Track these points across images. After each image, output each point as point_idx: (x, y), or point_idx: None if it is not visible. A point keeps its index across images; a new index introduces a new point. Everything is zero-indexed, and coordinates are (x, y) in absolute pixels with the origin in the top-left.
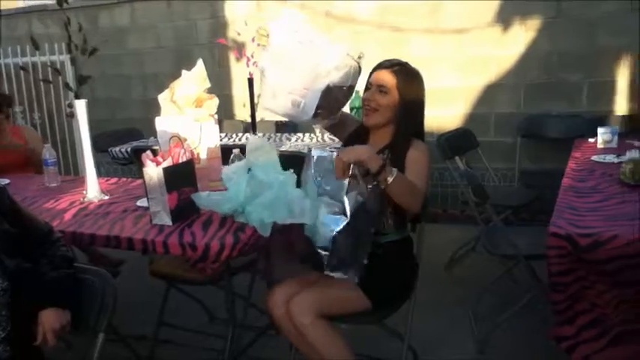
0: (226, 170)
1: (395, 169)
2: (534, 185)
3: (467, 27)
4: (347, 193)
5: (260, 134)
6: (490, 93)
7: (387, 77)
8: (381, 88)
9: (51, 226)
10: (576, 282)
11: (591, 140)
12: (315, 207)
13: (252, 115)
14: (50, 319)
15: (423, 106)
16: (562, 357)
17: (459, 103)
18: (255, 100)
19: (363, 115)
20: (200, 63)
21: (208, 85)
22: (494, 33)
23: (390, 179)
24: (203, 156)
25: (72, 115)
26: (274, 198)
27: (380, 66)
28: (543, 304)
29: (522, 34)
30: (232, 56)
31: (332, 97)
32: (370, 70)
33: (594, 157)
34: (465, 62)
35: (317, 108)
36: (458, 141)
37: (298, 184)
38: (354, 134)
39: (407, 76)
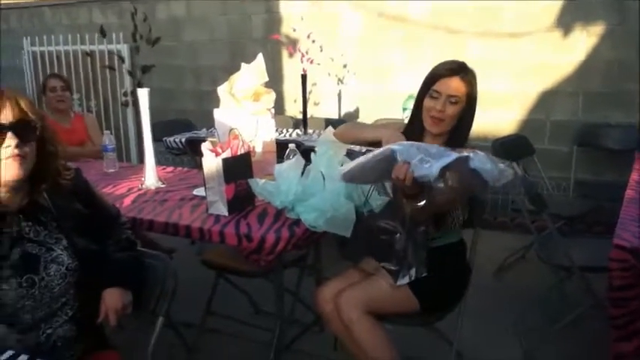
0: (279, 167)
1: (424, 201)
2: (589, 196)
3: (525, 31)
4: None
5: (310, 131)
6: (547, 100)
7: (460, 86)
8: (453, 99)
9: (118, 209)
10: (638, 298)
11: None
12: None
13: (304, 112)
14: (113, 299)
15: (474, 113)
16: None
17: (514, 108)
18: (307, 97)
19: (427, 122)
20: (260, 57)
21: (267, 79)
22: (554, 38)
23: (418, 205)
24: (258, 149)
25: (127, 104)
26: (323, 203)
27: (450, 72)
28: (594, 318)
29: (583, 41)
30: (285, 52)
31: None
32: (431, 73)
33: None
34: (521, 67)
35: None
36: (513, 147)
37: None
38: (408, 132)
39: (474, 82)
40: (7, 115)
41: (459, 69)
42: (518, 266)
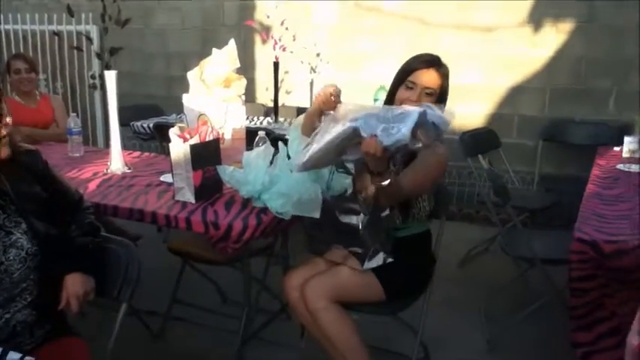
0: (247, 155)
1: (389, 180)
2: (553, 190)
3: (496, 25)
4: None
5: (281, 119)
6: (515, 94)
7: (435, 79)
8: (428, 90)
9: (81, 194)
10: (597, 289)
11: (616, 149)
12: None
13: (275, 99)
14: (75, 284)
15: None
16: None
17: (483, 102)
18: (279, 85)
19: None
20: (232, 43)
21: (238, 65)
22: (524, 33)
23: (383, 184)
24: (228, 136)
25: (95, 87)
26: (288, 189)
27: (427, 65)
28: (555, 309)
29: (553, 37)
30: (258, 39)
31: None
32: (407, 64)
33: (619, 166)
34: (491, 61)
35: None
36: (481, 140)
37: None
38: None
39: (447, 76)
40: None
41: (435, 62)
42: (482, 258)
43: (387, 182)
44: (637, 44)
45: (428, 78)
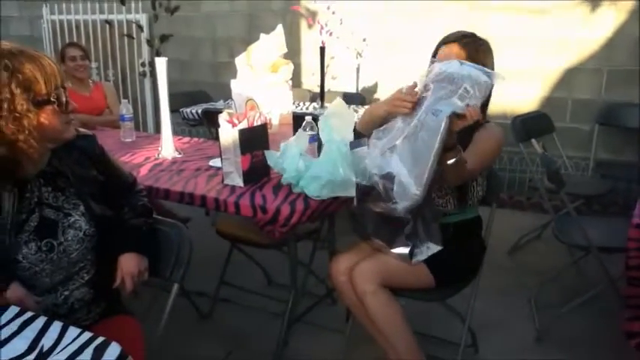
0: (284, 144)
1: (460, 155)
2: (609, 176)
3: (550, 6)
4: None
5: (327, 104)
6: (569, 77)
7: (456, 50)
8: None
9: (134, 177)
10: None
11: None
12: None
13: (322, 85)
14: (129, 264)
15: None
16: (624, 354)
17: (536, 85)
18: (325, 70)
19: None
20: (279, 28)
21: (285, 50)
22: (580, 13)
23: (450, 162)
24: (275, 121)
25: (144, 75)
26: (320, 172)
27: (447, 39)
28: (609, 299)
29: (611, 16)
30: (304, 24)
31: None
32: (437, 44)
33: None
34: (544, 42)
35: None
36: (533, 124)
37: None
38: None
39: (476, 48)
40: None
41: (459, 36)
42: (534, 245)
43: (460, 156)
44: None
45: (451, 51)
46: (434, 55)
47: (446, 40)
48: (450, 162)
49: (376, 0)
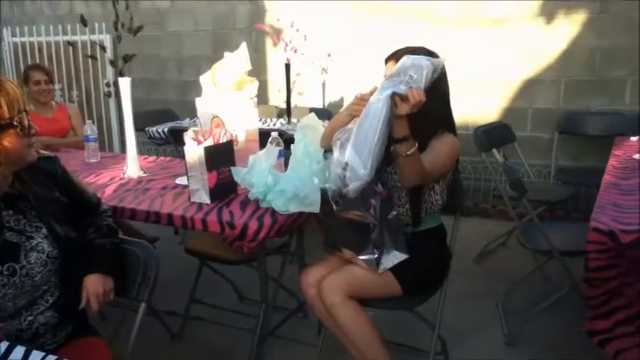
0: (252, 157)
1: (414, 148)
2: (570, 182)
3: (509, 17)
4: None
5: (294, 120)
6: (529, 87)
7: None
8: None
9: (99, 197)
10: (615, 278)
11: (633, 139)
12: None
13: (288, 101)
14: (94, 284)
15: (442, 100)
16: (591, 353)
17: (497, 96)
18: (291, 87)
19: None
20: (243, 46)
21: (250, 67)
22: (537, 26)
23: (404, 154)
24: (241, 138)
25: (109, 95)
26: (286, 186)
27: (392, 55)
28: (574, 301)
29: (566, 29)
30: (269, 41)
31: None
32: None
33: (636, 156)
34: (504, 54)
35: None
36: (495, 134)
37: None
38: None
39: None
40: None
41: (393, 54)
42: (500, 252)
43: (414, 149)
44: None
45: (389, 68)
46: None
47: (390, 57)
48: (404, 154)
49: (340, 15)
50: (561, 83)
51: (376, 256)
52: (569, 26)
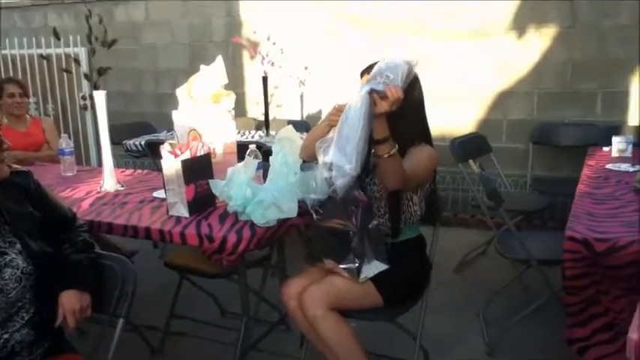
0: (230, 170)
1: (394, 149)
2: (546, 192)
3: (484, 32)
4: None
5: (272, 132)
6: (503, 99)
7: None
8: None
9: (74, 212)
10: (591, 286)
11: (605, 149)
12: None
13: (266, 113)
14: (71, 301)
15: (417, 109)
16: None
17: (473, 108)
18: (269, 99)
19: None
20: (219, 59)
21: (226, 81)
22: (510, 39)
23: (385, 155)
24: (219, 151)
25: (85, 108)
26: (264, 197)
27: (365, 69)
28: (553, 309)
29: (538, 42)
30: (246, 54)
31: None
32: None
33: (609, 166)
34: (480, 68)
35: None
36: (471, 145)
37: None
38: None
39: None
40: None
41: (370, 66)
42: (479, 261)
43: (395, 148)
44: (620, 46)
45: (363, 81)
46: None
47: (365, 70)
48: (385, 155)
49: (317, 28)
50: (534, 95)
51: (357, 265)
52: (540, 40)
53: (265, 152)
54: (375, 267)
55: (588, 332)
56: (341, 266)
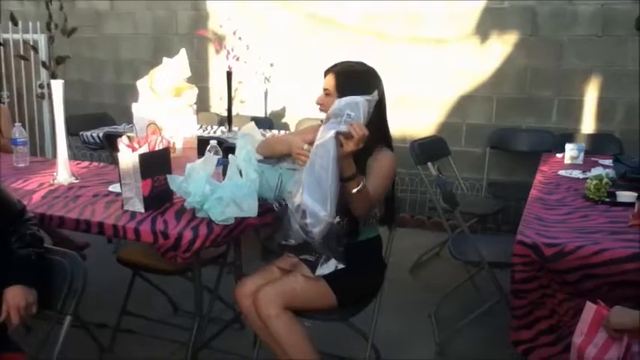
0: (189, 166)
1: (362, 183)
2: (501, 196)
3: (446, 37)
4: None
5: (235, 128)
6: (464, 104)
7: (330, 81)
8: (326, 92)
9: (24, 205)
10: (538, 289)
11: (559, 155)
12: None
13: (229, 109)
14: (15, 297)
15: (379, 112)
16: None
17: (434, 111)
18: (232, 95)
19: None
20: (183, 52)
21: (189, 74)
22: (472, 45)
23: (354, 190)
24: (179, 145)
25: (42, 96)
26: (223, 194)
27: (327, 69)
28: (503, 311)
29: (499, 49)
30: (212, 49)
31: None
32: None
33: (561, 172)
34: (442, 72)
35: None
36: (430, 148)
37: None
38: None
39: (346, 76)
40: None
41: (333, 66)
42: (434, 263)
43: (363, 183)
44: (575, 56)
45: (325, 80)
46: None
47: (329, 70)
48: (354, 191)
49: (283, 25)
50: (493, 100)
51: (314, 258)
52: (501, 47)
53: (226, 149)
54: (332, 265)
55: (533, 334)
56: (300, 257)
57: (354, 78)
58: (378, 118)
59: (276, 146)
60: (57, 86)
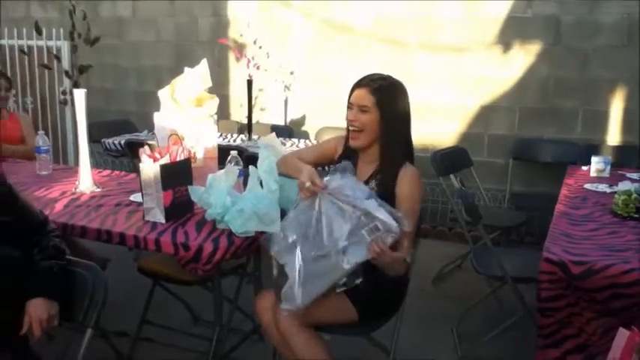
0: (211, 177)
1: (408, 258)
2: (524, 207)
3: (466, 46)
4: None
5: (255, 137)
6: (485, 114)
7: (365, 96)
8: (362, 108)
9: (46, 215)
10: (566, 308)
11: (584, 168)
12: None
13: (249, 117)
14: (38, 309)
15: (408, 121)
16: None
17: (455, 121)
18: (253, 102)
19: (349, 136)
20: (204, 62)
21: (210, 84)
22: (494, 54)
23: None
24: (200, 155)
25: (65, 103)
26: (245, 206)
27: (359, 83)
28: (527, 327)
29: (521, 58)
30: (232, 56)
31: None
32: (351, 87)
33: (587, 186)
34: (462, 81)
35: None
36: (452, 159)
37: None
38: (343, 156)
39: (386, 92)
40: None
41: (366, 80)
42: (456, 275)
43: (409, 259)
44: (600, 66)
45: (359, 96)
46: (349, 97)
47: (358, 85)
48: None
49: (303, 33)
50: (516, 110)
51: None
52: (524, 56)
53: (246, 158)
54: (351, 281)
55: (560, 353)
56: None
57: (393, 93)
58: (404, 133)
59: (289, 170)
60: (79, 95)
